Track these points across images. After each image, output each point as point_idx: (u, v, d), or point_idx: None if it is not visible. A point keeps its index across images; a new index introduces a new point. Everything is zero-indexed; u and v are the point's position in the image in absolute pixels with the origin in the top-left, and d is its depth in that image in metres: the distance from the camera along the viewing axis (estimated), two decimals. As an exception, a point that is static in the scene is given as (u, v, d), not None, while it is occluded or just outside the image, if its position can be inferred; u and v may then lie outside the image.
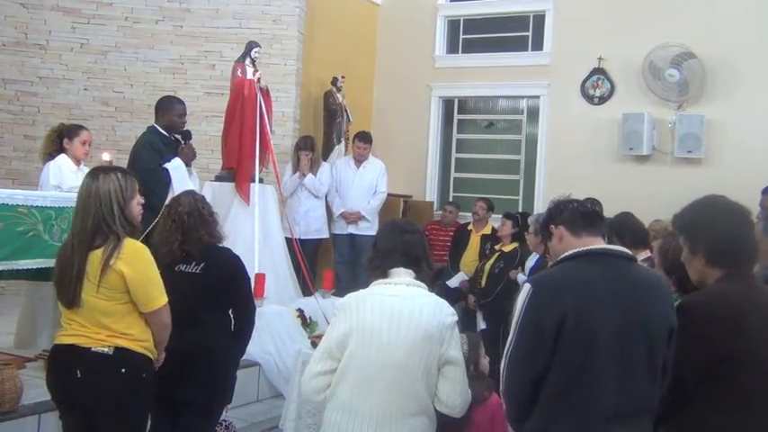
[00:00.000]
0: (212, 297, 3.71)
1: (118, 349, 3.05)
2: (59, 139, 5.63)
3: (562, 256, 2.57)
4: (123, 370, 3.06)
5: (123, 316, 3.08)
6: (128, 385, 3.08)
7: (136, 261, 3.08)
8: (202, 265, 3.71)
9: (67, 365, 3.05)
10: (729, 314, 2.45)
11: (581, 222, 2.59)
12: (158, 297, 3.14)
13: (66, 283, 3.05)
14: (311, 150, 8.01)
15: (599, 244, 2.55)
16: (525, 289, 2.46)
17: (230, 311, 3.85)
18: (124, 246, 3.05)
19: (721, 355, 2.43)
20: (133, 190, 3.19)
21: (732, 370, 2.44)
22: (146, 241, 3.39)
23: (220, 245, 3.87)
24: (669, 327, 2.46)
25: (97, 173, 3.16)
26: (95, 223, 3.05)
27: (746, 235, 2.60)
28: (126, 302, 3.08)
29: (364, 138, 8.48)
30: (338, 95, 8.95)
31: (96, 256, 3.02)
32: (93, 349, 3.03)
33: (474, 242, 8.21)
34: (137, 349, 3.11)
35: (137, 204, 3.22)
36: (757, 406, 2.46)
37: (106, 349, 3.04)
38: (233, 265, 3.84)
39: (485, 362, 3.37)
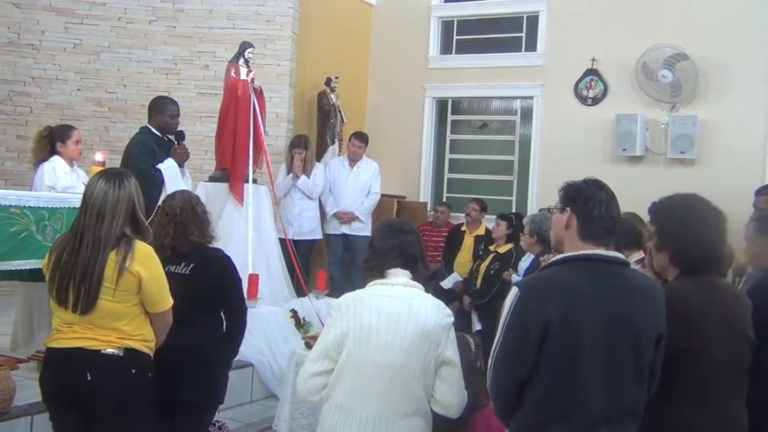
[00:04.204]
0: (203, 298, 3.69)
1: (127, 350, 3.05)
2: (50, 144, 5.59)
3: (553, 260, 2.56)
4: (133, 370, 3.06)
5: (134, 318, 3.08)
6: (137, 385, 3.08)
7: (149, 262, 3.08)
8: (192, 265, 3.69)
9: (76, 368, 3.02)
10: (685, 312, 2.50)
11: (594, 232, 2.50)
12: (169, 298, 3.17)
13: (77, 288, 2.98)
14: (305, 149, 8.00)
15: (596, 250, 2.49)
16: (513, 292, 2.45)
17: (222, 312, 3.84)
18: (136, 248, 3.04)
19: (676, 352, 2.47)
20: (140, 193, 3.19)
21: (689, 367, 2.49)
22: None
23: (211, 245, 3.85)
24: (658, 333, 2.46)
25: (114, 177, 3.10)
26: (120, 227, 3.02)
27: (715, 241, 2.64)
28: (136, 304, 3.08)
29: (361, 137, 8.50)
30: (332, 96, 8.94)
31: (111, 260, 2.99)
32: (103, 351, 3.02)
33: (468, 243, 8.22)
34: (144, 350, 3.12)
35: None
36: (715, 402, 2.52)
37: (117, 351, 3.03)
38: (223, 265, 3.83)
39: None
